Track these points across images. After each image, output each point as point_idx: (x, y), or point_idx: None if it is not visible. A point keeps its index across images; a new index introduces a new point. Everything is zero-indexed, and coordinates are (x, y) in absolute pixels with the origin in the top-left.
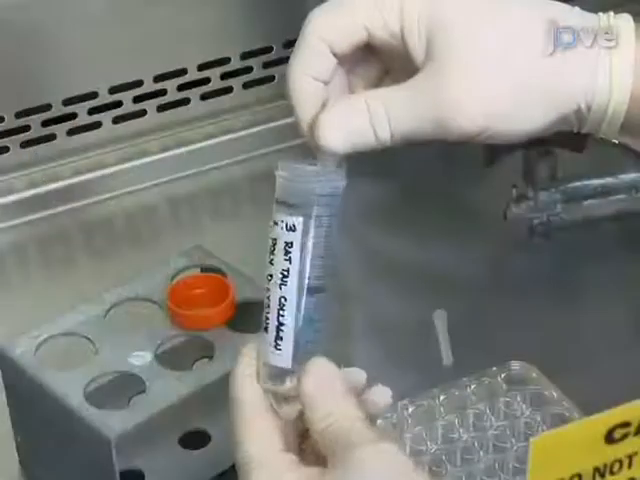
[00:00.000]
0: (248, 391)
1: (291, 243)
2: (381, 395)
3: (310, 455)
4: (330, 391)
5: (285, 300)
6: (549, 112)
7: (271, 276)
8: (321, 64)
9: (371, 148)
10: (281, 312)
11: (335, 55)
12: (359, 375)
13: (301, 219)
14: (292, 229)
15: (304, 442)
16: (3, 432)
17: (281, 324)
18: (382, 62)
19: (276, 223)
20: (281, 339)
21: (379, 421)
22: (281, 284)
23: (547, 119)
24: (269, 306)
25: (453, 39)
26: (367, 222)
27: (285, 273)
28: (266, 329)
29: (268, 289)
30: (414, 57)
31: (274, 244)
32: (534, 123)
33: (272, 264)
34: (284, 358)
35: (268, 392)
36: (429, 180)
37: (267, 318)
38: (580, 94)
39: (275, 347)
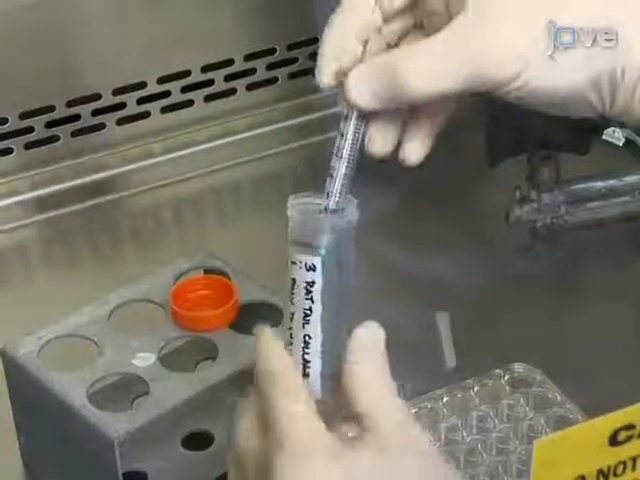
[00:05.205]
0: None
1: (312, 282)
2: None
3: None
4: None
5: (310, 338)
6: (587, 69)
7: (293, 314)
8: (364, 22)
9: (400, 104)
10: (306, 350)
11: (383, 13)
12: (377, 333)
13: (319, 258)
14: (312, 268)
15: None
16: (7, 433)
17: (307, 361)
18: (414, 17)
19: (294, 263)
20: (307, 376)
21: None
22: (304, 323)
23: (585, 76)
24: (291, 344)
25: None
26: (368, 223)
27: (308, 312)
28: None
29: (291, 327)
30: (451, 8)
31: (293, 283)
32: (572, 82)
33: (292, 303)
34: (313, 392)
35: None
36: (431, 181)
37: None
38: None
39: None
